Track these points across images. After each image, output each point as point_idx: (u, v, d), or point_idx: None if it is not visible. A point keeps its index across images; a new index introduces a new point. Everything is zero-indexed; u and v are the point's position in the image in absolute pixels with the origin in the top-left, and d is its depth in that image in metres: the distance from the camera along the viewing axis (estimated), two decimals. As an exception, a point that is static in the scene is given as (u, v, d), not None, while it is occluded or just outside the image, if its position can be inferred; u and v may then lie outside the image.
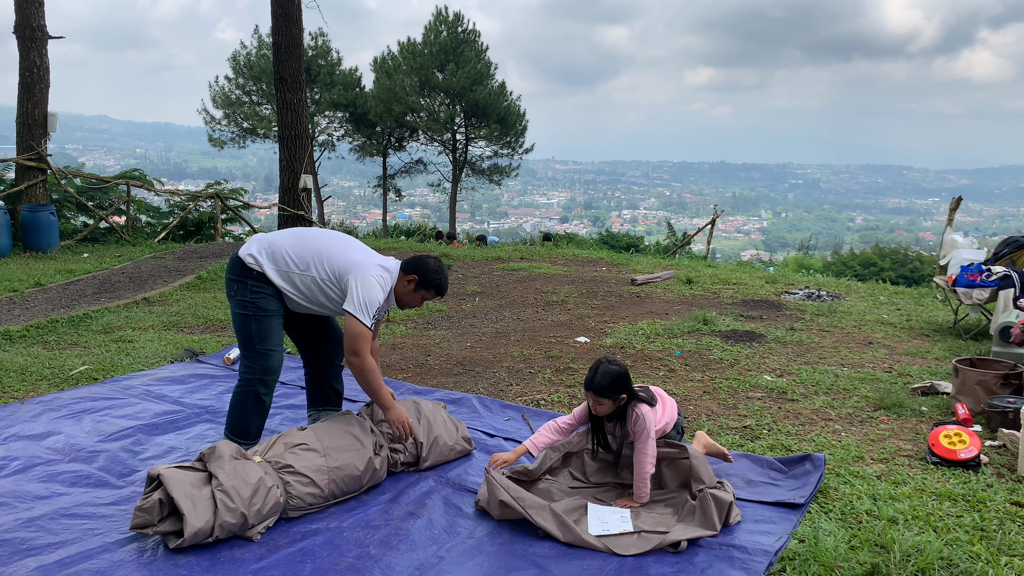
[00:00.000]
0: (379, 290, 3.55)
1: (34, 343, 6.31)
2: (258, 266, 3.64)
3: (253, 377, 3.68)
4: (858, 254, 29.86)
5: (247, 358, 3.70)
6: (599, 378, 3.30)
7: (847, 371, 5.55)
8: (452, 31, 32.87)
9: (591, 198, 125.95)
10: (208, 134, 32.83)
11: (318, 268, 3.62)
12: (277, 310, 3.70)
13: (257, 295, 3.65)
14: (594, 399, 3.34)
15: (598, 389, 3.30)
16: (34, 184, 12.22)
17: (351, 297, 3.51)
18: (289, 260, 3.64)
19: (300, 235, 3.75)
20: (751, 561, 2.90)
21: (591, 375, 3.33)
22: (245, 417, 3.72)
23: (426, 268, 3.70)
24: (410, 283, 3.69)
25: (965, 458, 3.73)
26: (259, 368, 3.68)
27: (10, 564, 2.87)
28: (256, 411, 3.73)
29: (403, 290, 3.71)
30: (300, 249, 3.66)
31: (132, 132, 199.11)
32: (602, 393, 3.30)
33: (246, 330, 3.66)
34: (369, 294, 3.51)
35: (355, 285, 3.52)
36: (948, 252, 7.73)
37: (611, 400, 3.33)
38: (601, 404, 3.35)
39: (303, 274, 3.63)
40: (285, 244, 3.69)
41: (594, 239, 26.98)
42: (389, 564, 2.93)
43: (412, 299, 3.75)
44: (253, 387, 3.69)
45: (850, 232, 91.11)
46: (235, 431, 3.73)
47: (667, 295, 8.70)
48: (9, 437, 4.14)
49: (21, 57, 12.12)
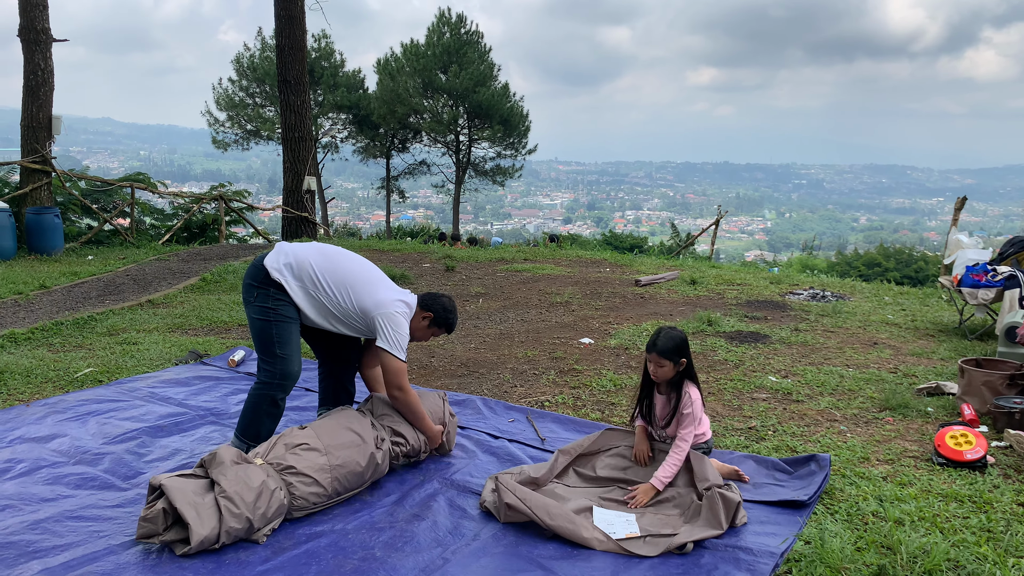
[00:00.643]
0: (404, 324, 3.71)
1: (39, 345, 6.32)
2: (284, 282, 3.69)
3: (272, 382, 3.70)
4: (862, 254, 29.80)
5: (266, 363, 3.71)
6: (662, 340, 3.41)
7: (852, 372, 5.54)
8: (455, 32, 32.91)
9: (594, 199, 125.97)
10: (212, 136, 32.93)
11: (345, 299, 3.71)
12: (296, 317, 3.74)
13: (279, 302, 3.69)
14: (656, 361, 3.43)
15: (661, 351, 3.40)
16: (39, 187, 12.25)
17: (385, 336, 3.65)
18: (316, 282, 3.70)
19: (327, 257, 3.78)
20: (757, 563, 2.89)
21: (654, 338, 3.45)
22: (259, 421, 3.73)
23: (442, 307, 3.88)
24: (425, 319, 3.85)
25: (971, 459, 3.71)
26: (279, 373, 3.69)
27: (15, 567, 2.88)
28: (271, 415, 3.75)
29: (417, 325, 3.85)
30: (328, 274, 3.72)
31: (136, 134, 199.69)
32: (665, 355, 3.40)
33: (266, 334, 3.69)
34: (400, 332, 3.68)
35: (385, 324, 3.66)
36: (953, 252, 7.71)
37: (672, 363, 3.42)
38: (662, 366, 3.43)
39: (328, 299, 3.70)
40: (312, 263, 3.73)
41: (597, 240, 26.97)
42: (394, 566, 2.93)
43: (424, 334, 3.91)
44: (271, 392, 3.70)
45: (854, 232, 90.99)
46: (246, 433, 3.74)
47: (671, 296, 8.69)
48: (15, 439, 4.15)
49: (25, 60, 12.16)
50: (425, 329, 3.88)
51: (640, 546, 3.02)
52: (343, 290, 3.69)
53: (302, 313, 3.74)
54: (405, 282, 9.57)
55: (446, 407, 4.10)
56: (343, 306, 3.70)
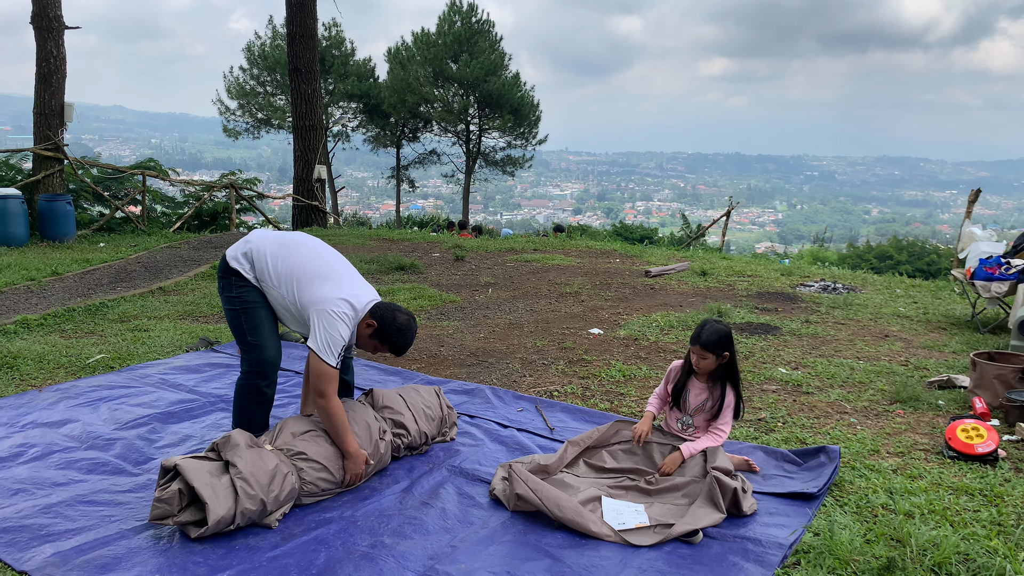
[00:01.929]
0: (343, 326, 3.39)
1: (51, 331, 6.36)
2: (241, 269, 3.61)
3: (251, 370, 3.65)
4: (874, 247, 29.61)
5: (243, 352, 3.68)
6: (707, 333, 3.43)
7: (863, 364, 5.51)
8: (466, 21, 32.79)
9: (604, 189, 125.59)
10: (223, 124, 32.96)
11: (290, 292, 3.52)
12: (264, 300, 3.64)
13: (241, 289, 3.61)
14: (700, 353, 3.45)
15: (705, 344, 3.42)
16: (51, 174, 12.31)
17: (314, 335, 3.38)
18: (267, 272, 3.57)
19: (284, 246, 3.62)
20: (766, 554, 2.89)
21: (698, 331, 3.47)
22: (248, 411, 3.70)
23: (390, 321, 3.49)
24: (369, 327, 3.50)
25: (982, 452, 3.69)
26: (255, 360, 3.64)
27: (28, 549, 2.91)
28: (258, 404, 3.70)
29: (360, 332, 3.52)
30: (279, 264, 3.57)
31: (147, 122, 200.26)
32: (709, 348, 3.42)
33: (235, 324, 3.64)
34: (331, 333, 3.36)
35: (317, 322, 3.38)
36: (966, 245, 7.65)
37: (715, 356, 3.44)
38: (705, 359, 3.45)
39: (276, 291, 3.56)
40: (268, 252, 3.59)
41: (607, 231, 26.88)
42: (403, 553, 2.94)
43: (366, 343, 3.55)
44: (252, 380, 3.65)
45: (866, 224, 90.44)
46: (240, 426, 3.71)
47: (681, 287, 8.66)
48: (27, 424, 4.19)
49: (38, 47, 12.19)
50: (367, 339, 3.52)
51: (646, 537, 3.02)
52: (289, 283, 3.51)
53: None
54: (415, 271, 9.57)
55: (442, 400, 4.12)
56: (289, 299, 3.52)
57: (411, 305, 7.52)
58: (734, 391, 3.53)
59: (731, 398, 3.52)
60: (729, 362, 3.50)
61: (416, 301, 7.68)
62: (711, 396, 3.54)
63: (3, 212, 10.92)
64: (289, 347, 5.80)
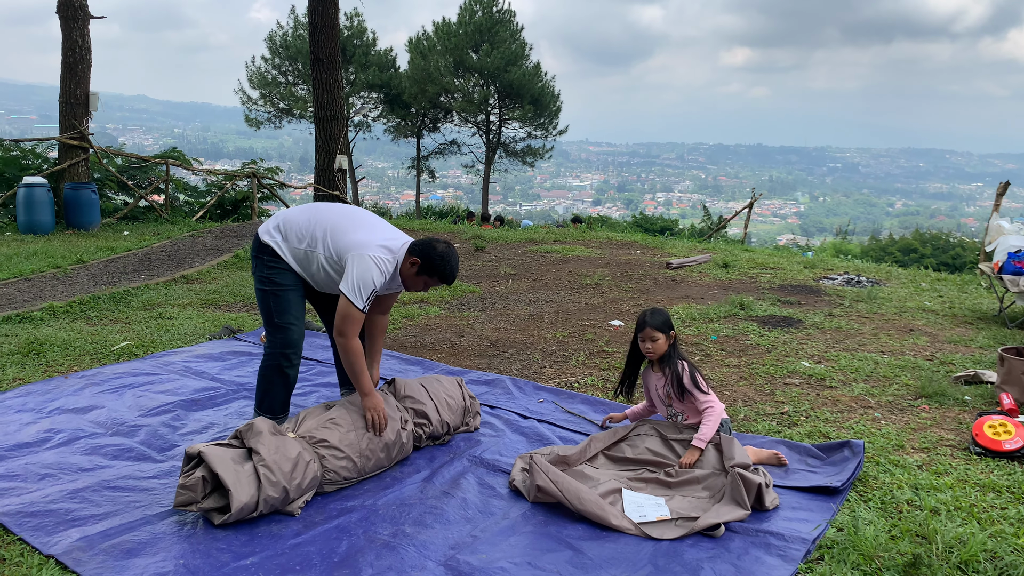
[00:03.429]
0: (376, 272, 3.44)
1: (77, 318, 6.44)
2: (274, 243, 3.67)
3: (275, 351, 3.73)
4: (897, 240, 29.27)
5: (269, 333, 3.76)
6: (651, 317, 3.58)
7: (887, 358, 5.45)
8: (487, 11, 32.70)
9: (625, 180, 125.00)
10: (244, 114, 33.11)
11: (324, 246, 3.58)
12: (294, 284, 3.72)
13: (272, 270, 3.68)
14: (650, 336, 3.57)
15: (653, 325, 3.56)
16: (76, 163, 12.43)
17: (346, 277, 3.45)
18: (301, 233, 3.63)
19: (313, 210, 3.71)
20: (788, 548, 2.87)
21: (642, 317, 3.61)
22: (271, 392, 3.77)
23: (431, 253, 3.52)
24: (412, 266, 3.54)
25: (1010, 449, 3.64)
26: (279, 342, 3.71)
27: (55, 534, 2.94)
28: (281, 385, 3.77)
29: (406, 272, 3.57)
30: (311, 225, 3.63)
31: (170, 112, 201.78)
32: (658, 328, 3.56)
33: (265, 305, 3.72)
34: (364, 276, 3.42)
35: (352, 266, 3.45)
36: (994, 238, 7.53)
37: (664, 335, 3.57)
38: (656, 339, 3.57)
39: (311, 251, 3.61)
40: (298, 217, 3.70)
41: (628, 222, 26.76)
42: (424, 542, 2.95)
43: (414, 283, 3.60)
44: (276, 361, 3.73)
45: (889, 217, 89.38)
46: (262, 406, 3.79)
47: (703, 279, 8.61)
48: (54, 410, 4.24)
49: (64, 36, 12.30)
50: (414, 278, 3.56)
51: (668, 530, 3.01)
52: (324, 238, 3.56)
53: (300, 276, 3.70)
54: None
55: (464, 391, 4.12)
56: (324, 255, 3.57)
57: (431, 296, 7.53)
58: (681, 359, 3.58)
59: (679, 363, 3.55)
60: (674, 342, 3.62)
61: (436, 292, 7.69)
62: (666, 380, 3.61)
63: (30, 200, 11.06)
64: (312, 336, 5.83)
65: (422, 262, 3.52)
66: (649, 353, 3.60)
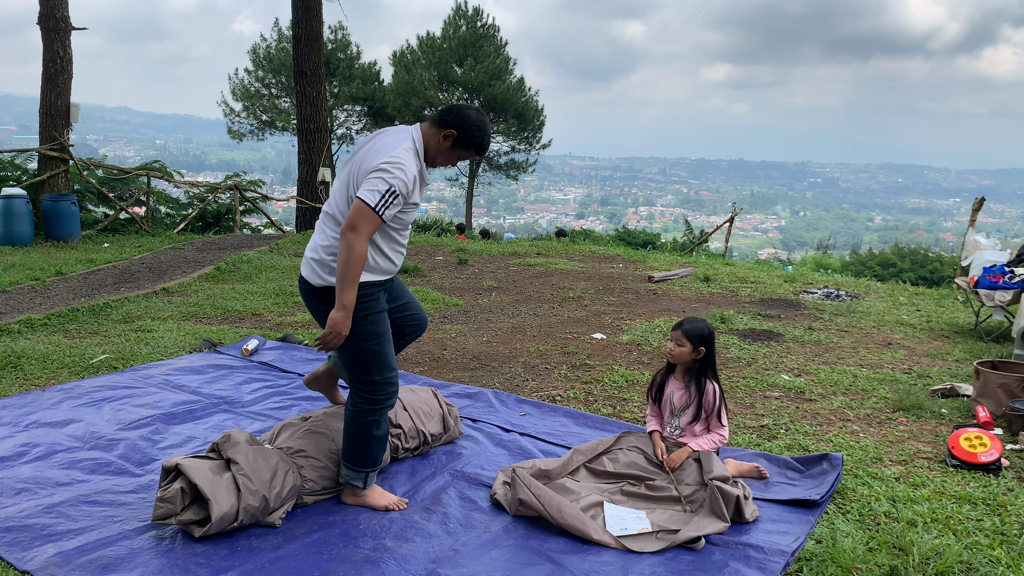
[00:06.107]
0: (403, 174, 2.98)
1: (55, 331, 6.37)
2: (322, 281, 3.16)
3: (374, 407, 3.26)
4: (877, 254, 29.59)
5: (364, 385, 3.25)
6: (688, 323, 3.55)
7: (866, 372, 5.51)
8: (471, 26, 32.85)
9: (608, 194, 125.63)
10: (227, 126, 33.00)
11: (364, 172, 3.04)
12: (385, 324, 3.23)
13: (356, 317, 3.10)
14: (678, 339, 3.53)
15: (685, 330, 3.52)
16: (56, 174, 12.34)
17: (373, 184, 2.96)
18: (344, 186, 3.14)
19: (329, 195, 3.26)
20: (768, 561, 2.89)
21: (683, 320, 3.59)
22: (371, 447, 3.31)
23: (468, 123, 3.12)
24: (447, 139, 3.14)
25: (985, 461, 3.69)
26: (381, 394, 3.27)
27: (30, 549, 2.91)
28: (381, 438, 3.34)
29: (439, 147, 3.15)
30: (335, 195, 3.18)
31: (152, 123, 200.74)
32: (687, 335, 3.50)
33: (358, 361, 3.22)
34: (395, 179, 2.96)
35: (384, 172, 2.98)
36: (970, 253, 7.64)
37: (691, 346, 3.51)
38: (682, 346, 3.52)
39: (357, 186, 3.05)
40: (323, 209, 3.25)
41: (611, 235, 26.88)
42: (405, 556, 2.94)
43: (448, 158, 3.19)
44: (376, 416, 3.28)
45: (869, 232, 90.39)
46: (360, 463, 3.31)
47: (684, 293, 8.66)
48: (31, 424, 4.19)
49: (45, 48, 12.23)
50: (448, 152, 3.17)
51: (649, 543, 3.02)
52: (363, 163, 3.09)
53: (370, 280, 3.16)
54: (418, 274, 9.59)
55: (440, 399, 4.11)
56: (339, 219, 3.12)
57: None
58: (715, 383, 3.55)
59: (711, 387, 3.53)
60: (706, 358, 3.55)
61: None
62: (688, 393, 3.59)
63: (8, 212, 10.96)
64: (293, 349, 5.81)
65: (458, 134, 3.13)
66: (670, 353, 3.59)
